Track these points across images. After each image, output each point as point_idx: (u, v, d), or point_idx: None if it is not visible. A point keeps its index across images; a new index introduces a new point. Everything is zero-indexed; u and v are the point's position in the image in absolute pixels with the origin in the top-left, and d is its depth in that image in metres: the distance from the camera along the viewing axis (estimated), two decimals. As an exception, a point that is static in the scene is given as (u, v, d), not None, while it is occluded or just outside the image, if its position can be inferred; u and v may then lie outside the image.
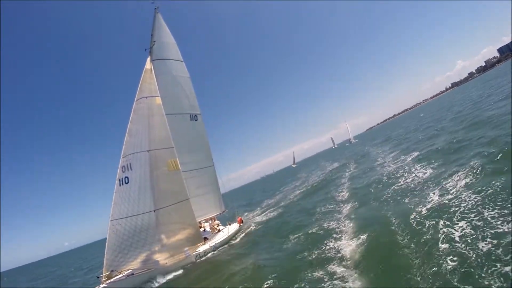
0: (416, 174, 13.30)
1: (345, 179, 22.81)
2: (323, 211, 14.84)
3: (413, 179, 12.73)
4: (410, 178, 13.09)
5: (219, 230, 17.85)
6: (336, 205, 15.09)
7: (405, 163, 17.07)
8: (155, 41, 17.80)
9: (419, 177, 12.59)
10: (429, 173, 12.51)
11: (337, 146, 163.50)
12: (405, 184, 12.63)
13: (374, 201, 12.47)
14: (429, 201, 9.13)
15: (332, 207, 14.92)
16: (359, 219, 11.11)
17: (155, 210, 13.39)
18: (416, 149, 20.36)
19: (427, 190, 10.40)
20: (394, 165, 18.45)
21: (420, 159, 16.05)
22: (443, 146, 16.32)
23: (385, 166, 19.79)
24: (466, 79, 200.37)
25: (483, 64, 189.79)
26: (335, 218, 12.56)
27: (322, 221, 12.94)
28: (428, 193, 9.95)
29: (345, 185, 20.23)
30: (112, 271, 12.50)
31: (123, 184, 13.38)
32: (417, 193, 10.59)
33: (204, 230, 18.17)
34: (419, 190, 10.84)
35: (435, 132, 23.82)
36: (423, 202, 9.24)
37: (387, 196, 12.01)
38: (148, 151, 13.96)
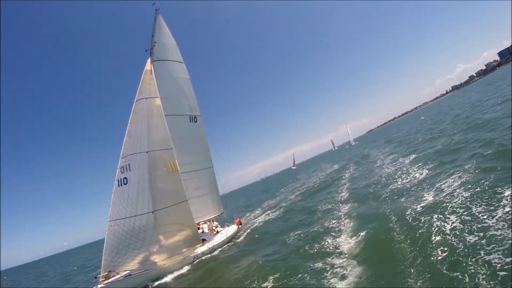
0: (413, 175, 13.87)
1: (345, 180, 23.18)
2: (323, 209, 15.21)
3: (410, 179, 13.35)
4: (408, 179, 13.66)
5: (218, 232, 17.85)
6: (336, 204, 15.41)
7: (403, 165, 17.54)
8: (155, 42, 17.80)
9: (416, 177, 13.22)
10: (425, 173, 13.11)
11: (337, 148, 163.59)
12: (402, 184, 13.18)
13: (373, 200, 12.92)
14: (424, 199, 9.77)
15: (332, 206, 15.28)
16: (358, 217, 11.61)
17: (153, 211, 13.39)
18: (414, 151, 20.79)
19: (422, 189, 11.06)
20: (393, 166, 18.87)
21: (417, 161, 16.58)
22: (441, 148, 16.82)
23: (384, 167, 20.19)
24: (466, 83, 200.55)
25: (484, 67, 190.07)
26: (335, 217, 12.98)
27: (322, 219, 13.35)
28: (423, 192, 10.63)
29: (345, 186, 20.58)
30: (110, 271, 12.50)
31: (122, 185, 13.40)
32: (413, 193, 11.20)
33: (203, 232, 18.18)
34: (415, 190, 11.43)
35: (434, 135, 24.23)
36: (418, 200, 9.88)
37: (385, 196, 12.50)
38: (147, 152, 13.98)
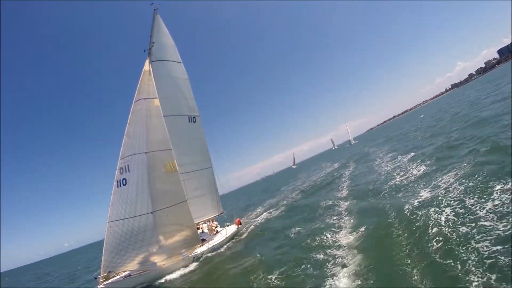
0: (411, 172, 14.35)
1: (345, 178, 23.46)
2: (324, 206, 15.54)
3: (409, 176, 13.86)
4: (406, 176, 14.15)
5: (217, 232, 17.86)
6: (337, 201, 15.74)
7: (402, 163, 17.87)
8: (154, 42, 17.73)
9: (414, 174, 13.73)
10: (423, 170, 13.60)
11: (337, 147, 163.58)
12: (401, 181, 13.67)
13: (373, 197, 13.35)
14: (421, 194, 10.34)
15: (333, 203, 15.64)
16: (358, 212, 12.10)
17: (152, 212, 13.39)
18: (414, 149, 21.02)
19: (420, 185, 11.62)
20: (392, 164, 19.17)
21: (416, 158, 16.94)
22: (439, 145, 17.22)
23: (384, 165, 20.45)
24: (466, 81, 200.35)
25: (483, 65, 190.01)
26: (336, 213, 13.47)
27: (323, 216, 13.81)
28: (421, 187, 11.23)
29: (345, 183, 20.86)
30: (109, 272, 12.51)
31: (121, 186, 13.39)
32: (411, 188, 11.74)
33: (202, 232, 18.19)
34: (413, 186, 11.95)
35: (433, 133, 24.49)
36: (416, 195, 10.45)
37: (384, 192, 12.97)
38: (146, 153, 13.96)
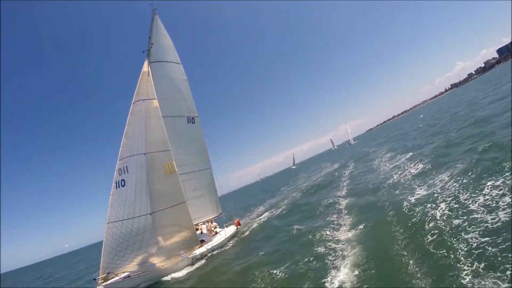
0: (409, 171, 14.75)
1: (345, 177, 23.64)
2: (324, 204, 15.85)
3: (407, 174, 14.29)
4: (405, 174, 14.57)
5: (216, 233, 17.84)
6: (337, 199, 15.98)
7: (401, 162, 18.15)
8: (153, 43, 17.72)
9: (412, 172, 14.14)
10: (421, 168, 14.01)
11: (336, 147, 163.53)
12: (399, 179, 14.03)
13: (372, 195, 13.69)
14: (418, 191, 10.81)
15: (333, 200, 15.94)
16: (357, 210, 12.52)
17: (151, 213, 13.37)
18: (413, 148, 21.25)
19: (418, 182, 12.06)
20: (391, 163, 19.39)
21: (415, 157, 17.21)
22: (438, 144, 17.60)
23: (383, 164, 20.70)
24: (465, 80, 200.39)
25: (483, 65, 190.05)
26: (336, 211, 13.87)
27: (324, 214, 14.26)
28: (418, 185, 11.69)
29: (345, 182, 21.11)
30: (108, 273, 12.51)
31: (119, 187, 13.38)
32: (409, 186, 12.16)
33: (201, 233, 18.18)
34: (411, 184, 12.37)
35: (433, 132, 24.74)
36: (413, 193, 10.90)
37: (383, 190, 13.30)
38: (144, 154, 13.94)
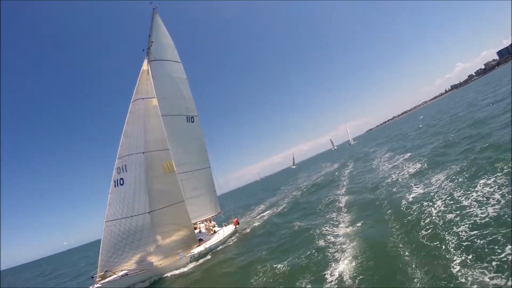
0: (408, 170, 15.08)
1: (345, 177, 23.82)
2: (324, 203, 16.02)
3: (406, 174, 14.62)
4: (403, 173, 14.88)
5: (215, 232, 17.86)
6: (336, 198, 16.09)
7: (400, 162, 18.41)
8: (152, 42, 17.73)
9: (411, 172, 14.47)
10: (419, 168, 14.33)
11: (336, 147, 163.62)
12: (398, 178, 14.34)
13: (371, 193, 13.97)
14: (415, 190, 11.23)
15: (334, 198, 16.14)
16: (356, 207, 12.79)
17: (150, 212, 13.37)
18: (412, 148, 21.47)
19: (416, 181, 12.40)
20: (390, 163, 19.61)
21: (413, 157, 17.51)
22: (437, 144, 17.87)
23: (382, 164, 20.89)
24: (465, 82, 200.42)
25: (483, 66, 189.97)
26: (335, 209, 14.10)
27: (323, 212, 14.52)
28: (416, 184, 12.06)
29: (344, 182, 21.29)
30: (106, 271, 12.51)
31: (118, 186, 13.37)
32: (407, 185, 12.49)
33: (200, 232, 18.19)
34: (409, 182, 12.69)
35: (432, 133, 24.91)
36: (411, 191, 11.30)
37: (382, 189, 13.59)
38: (143, 152, 13.93)
